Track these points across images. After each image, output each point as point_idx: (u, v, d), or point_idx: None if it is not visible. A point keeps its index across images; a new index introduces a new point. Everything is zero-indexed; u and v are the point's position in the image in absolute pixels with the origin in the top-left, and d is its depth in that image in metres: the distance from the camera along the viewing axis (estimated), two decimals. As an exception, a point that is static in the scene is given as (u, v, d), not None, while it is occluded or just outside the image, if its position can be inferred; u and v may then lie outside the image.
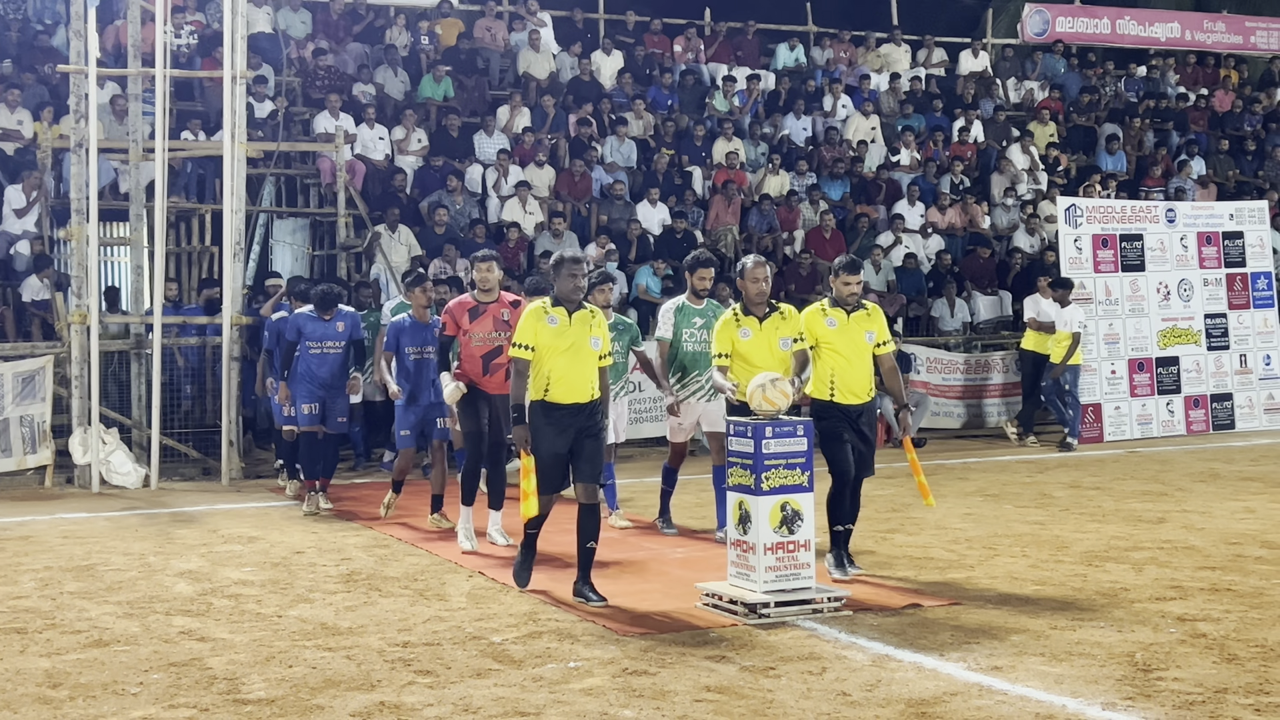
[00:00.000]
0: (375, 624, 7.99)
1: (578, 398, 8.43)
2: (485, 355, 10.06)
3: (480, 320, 10.14)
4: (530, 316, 8.53)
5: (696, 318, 10.73)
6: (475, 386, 10.04)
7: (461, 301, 10.24)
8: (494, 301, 10.22)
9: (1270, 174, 24.29)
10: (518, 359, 8.50)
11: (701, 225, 19.77)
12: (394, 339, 11.48)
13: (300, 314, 12.52)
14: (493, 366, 10.06)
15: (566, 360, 8.45)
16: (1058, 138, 23.66)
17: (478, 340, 10.08)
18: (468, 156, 19.53)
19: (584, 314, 8.60)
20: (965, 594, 8.63)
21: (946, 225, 21.00)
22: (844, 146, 22.04)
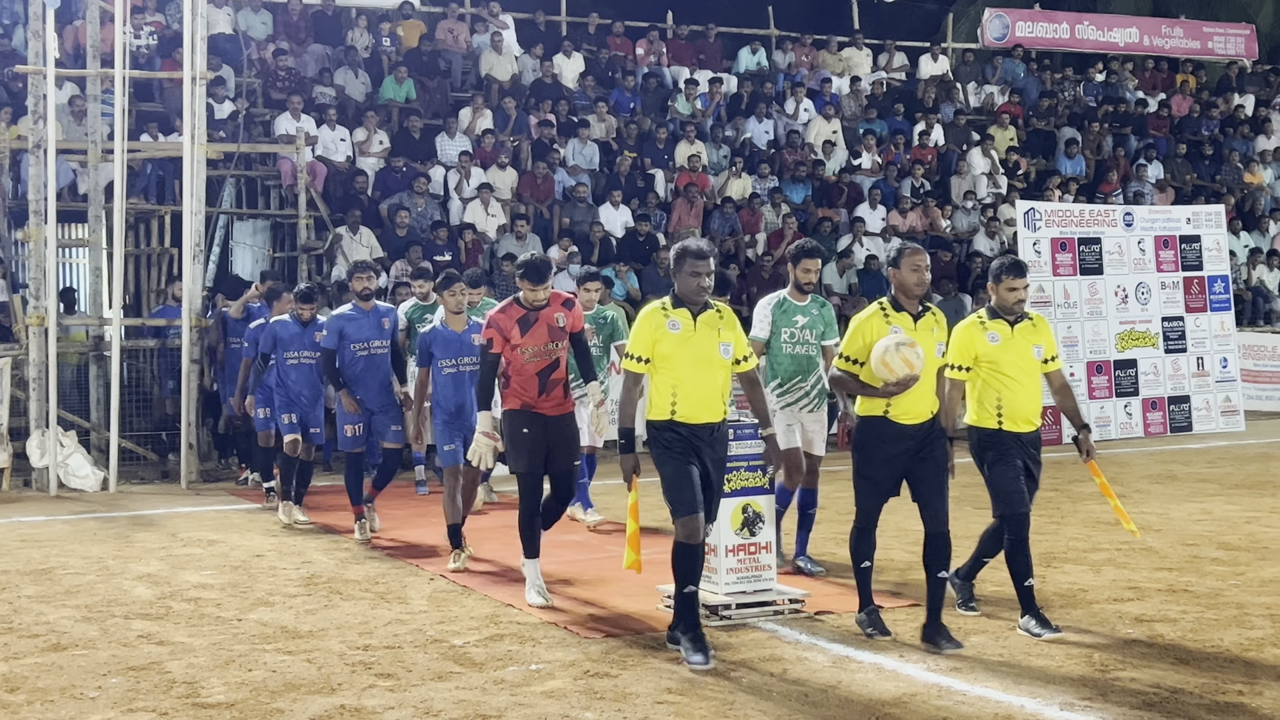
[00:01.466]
0: (336, 627, 7.96)
1: (709, 416, 7.20)
2: (542, 371, 8.42)
3: (533, 332, 8.44)
4: (647, 322, 7.23)
5: (799, 315, 9.32)
6: (530, 410, 8.43)
7: (507, 311, 8.47)
8: (545, 307, 8.50)
9: (1227, 178, 24.53)
10: (632, 373, 7.24)
11: (664, 228, 19.80)
12: (426, 352, 9.99)
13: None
14: (551, 383, 8.46)
15: (694, 372, 7.17)
16: (1017, 142, 23.80)
17: (531, 356, 8.41)
18: (430, 158, 19.48)
19: (710, 316, 7.28)
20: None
21: (907, 228, 21.09)
22: (806, 150, 22.11)
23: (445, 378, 9.94)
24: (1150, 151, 24.18)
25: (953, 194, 22.22)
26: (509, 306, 8.48)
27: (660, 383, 7.21)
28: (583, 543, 10.76)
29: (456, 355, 9.94)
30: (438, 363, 9.95)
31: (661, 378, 7.20)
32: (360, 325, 10.94)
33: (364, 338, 10.89)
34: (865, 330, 7.54)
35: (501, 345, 8.40)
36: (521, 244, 18.18)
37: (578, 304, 8.60)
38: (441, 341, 9.98)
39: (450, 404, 9.91)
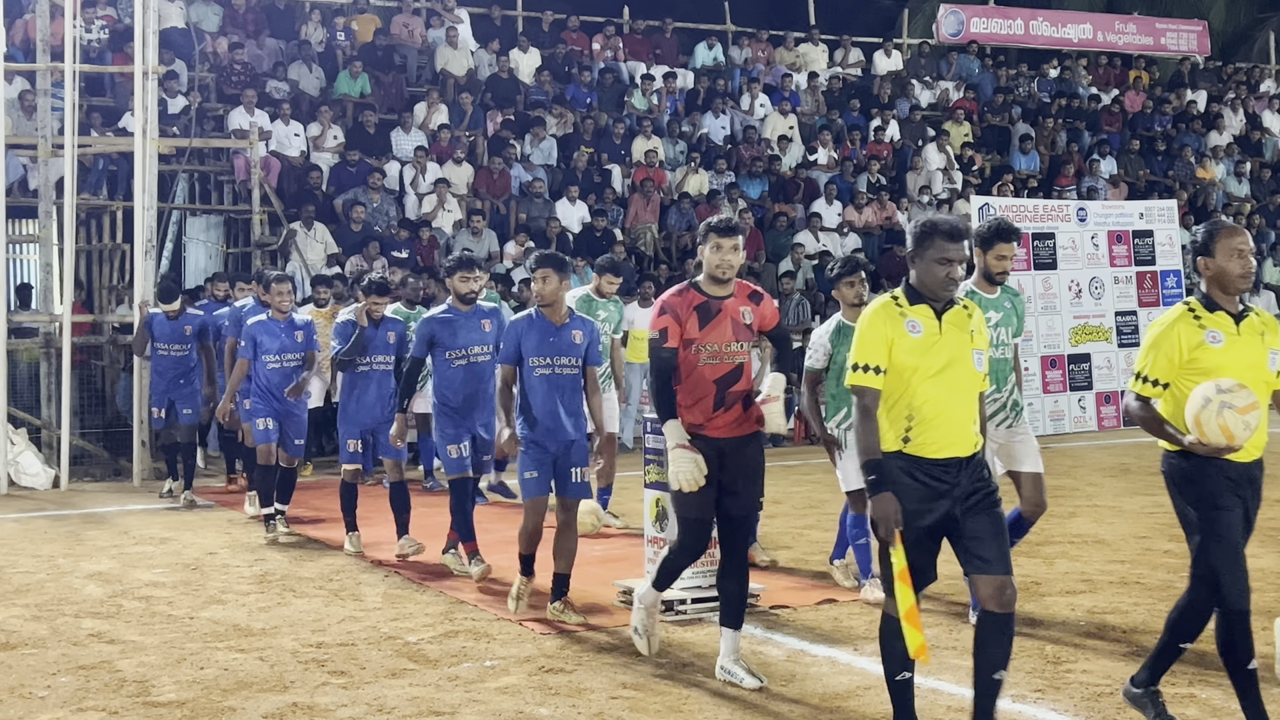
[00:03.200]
0: (289, 625, 7.92)
1: (957, 448, 5.43)
2: (721, 379, 6.57)
3: (716, 324, 6.58)
4: (876, 319, 5.49)
5: (991, 310, 7.83)
6: (699, 433, 6.56)
7: (684, 295, 6.62)
8: (729, 296, 6.65)
9: (1179, 174, 24.73)
10: (864, 388, 5.41)
11: (621, 223, 19.79)
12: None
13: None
14: (730, 397, 6.59)
15: (939, 388, 5.43)
16: (972, 137, 23.93)
17: (709, 357, 6.54)
18: (385, 154, 19.40)
19: (958, 314, 5.57)
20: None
21: (863, 224, 21.18)
22: (762, 145, 22.16)
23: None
24: (1104, 147, 24.36)
25: (908, 189, 22.32)
26: (685, 290, 6.64)
27: (888, 401, 5.46)
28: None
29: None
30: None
31: (891, 395, 5.45)
32: (459, 329, 9.16)
33: (464, 344, 9.14)
34: (1172, 342, 5.68)
35: (678, 339, 6.53)
36: (477, 239, 18.14)
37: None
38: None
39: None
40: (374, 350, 10.12)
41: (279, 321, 10.99)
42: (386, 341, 10.13)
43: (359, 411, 10.10)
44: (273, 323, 10.98)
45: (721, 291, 6.65)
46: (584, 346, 7.93)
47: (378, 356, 10.13)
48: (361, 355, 10.04)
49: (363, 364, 10.10)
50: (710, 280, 6.65)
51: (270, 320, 11.00)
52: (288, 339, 10.95)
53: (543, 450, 7.89)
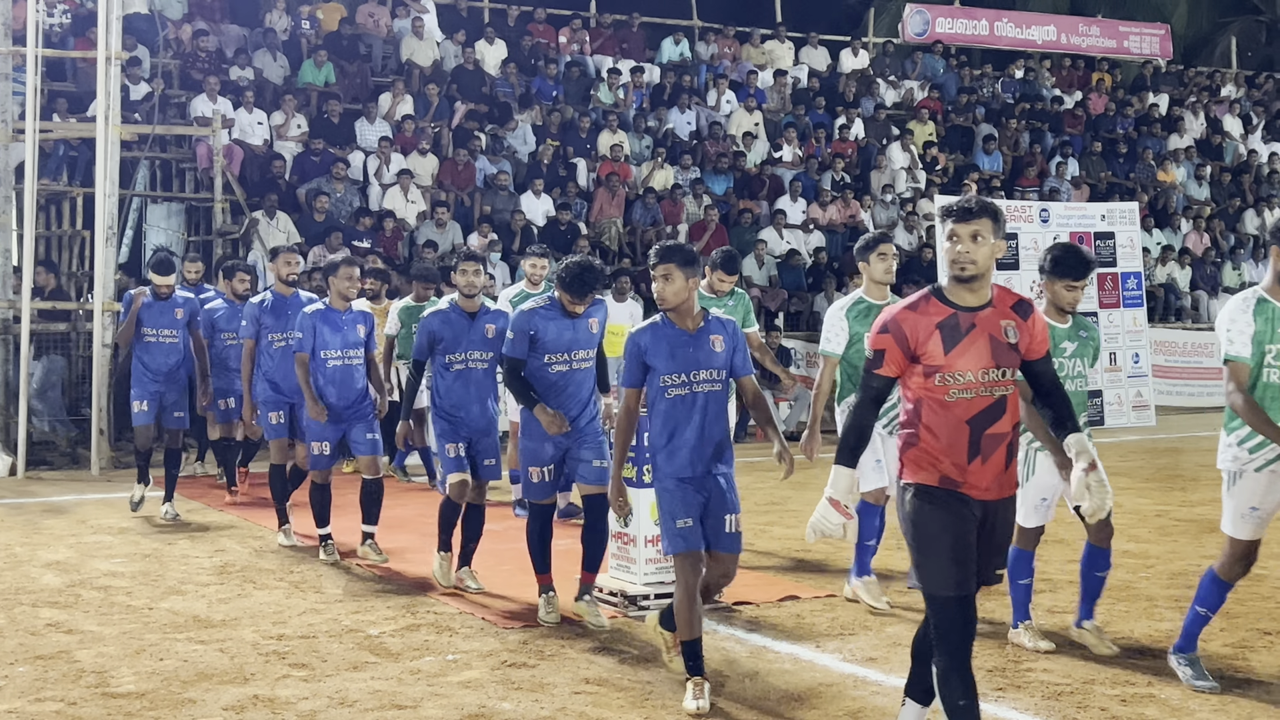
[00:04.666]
0: (249, 616, 7.88)
1: None
2: (977, 419, 4.97)
3: (969, 347, 5.00)
4: None
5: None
6: (952, 489, 4.99)
7: (922, 308, 5.04)
8: (987, 307, 5.06)
9: (1141, 176, 24.91)
10: None
11: (585, 217, 19.77)
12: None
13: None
14: (988, 443, 4.99)
15: None
16: (936, 137, 24.03)
17: (960, 389, 4.96)
18: (349, 143, 19.31)
19: None
20: (842, 586, 8.72)
21: (827, 221, 21.23)
22: (728, 141, 22.18)
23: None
24: (1067, 148, 24.51)
25: (872, 187, 22.39)
26: (924, 301, 5.06)
27: None
28: (501, 531, 10.72)
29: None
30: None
31: None
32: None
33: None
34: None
35: (902, 365, 5.03)
36: (441, 231, 18.09)
37: (1038, 313, 5.19)
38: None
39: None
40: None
41: (339, 311, 9.43)
42: (484, 335, 8.56)
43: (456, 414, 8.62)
44: (333, 312, 9.40)
45: (974, 300, 5.04)
46: (728, 354, 6.39)
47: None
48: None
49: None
50: (955, 285, 5.05)
51: (330, 310, 9.40)
52: (351, 333, 9.45)
53: (693, 492, 6.31)
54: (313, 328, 9.29)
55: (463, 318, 8.44)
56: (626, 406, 6.43)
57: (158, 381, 11.24)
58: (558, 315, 7.63)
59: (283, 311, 10.31)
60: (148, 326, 11.28)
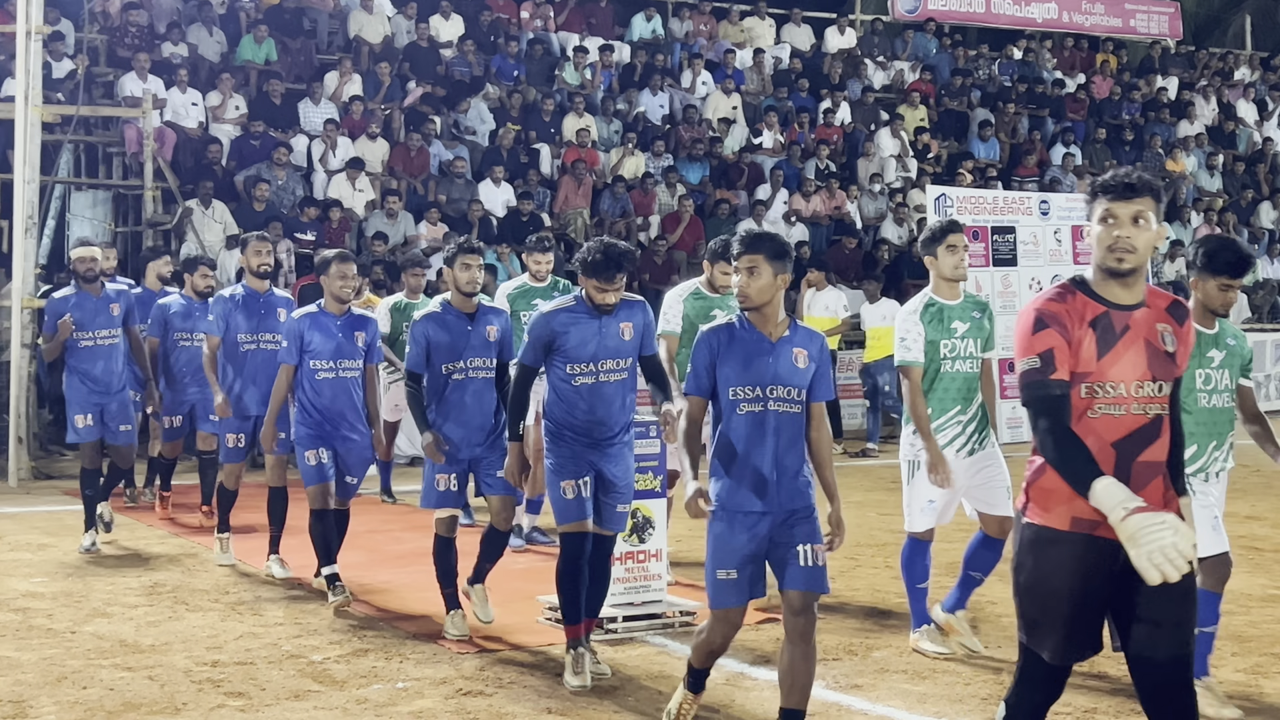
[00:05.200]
0: (181, 641, 7.85)
1: None
2: (1126, 441, 4.49)
3: (1126, 347, 4.52)
4: None
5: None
6: (1087, 531, 4.42)
7: (1070, 300, 4.54)
8: (1140, 306, 4.55)
9: (1148, 166, 25.04)
10: None
11: (549, 208, 19.77)
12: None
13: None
14: (1140, 471, 4.48)
15: None
16: (928, 122, 24.13)
17: (1109, 404, 4.48)
18: (291, 127, 19.26)
19: None
20: (825, 608, 8.73)
21: (811, 213, 21.29)
22: (703, 126, 22.22)
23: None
24: (1068, 135, 24.64)
25: (859, 177, 22.47)
26: (1065, 294, 4.56)
27: None
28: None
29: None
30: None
31: None
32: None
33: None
34: None
35: (1068, 365, 4.47)
36: (392, 223, 18.05)
37: (1191, 319, 4.72)
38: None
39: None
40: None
41: (333, 316, 8.90)
42: (485, 339, 8.05)
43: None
44: (326, 317, 8.89)
45: (1128, 297, 4.53)
46: (811, 371, 5.84)
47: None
48: None
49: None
50: (1107, 278, 4.52)
51: (323, 314, 8.89)
52: (347, 342, 8.90)
53: (754, 521, 5.76)
54: (299, 334, 8.77)
55: (460, 320, 7.92)
56: (691, 417, 5.94)
57: (98, 392, 10.54)
58: (585, 317, 7.05)
59: (255, 310, 9.92)
60: (81, 330, 10.51)
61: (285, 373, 8.83)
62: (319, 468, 8.75)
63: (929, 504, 7.49)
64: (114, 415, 10.62)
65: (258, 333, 9.90)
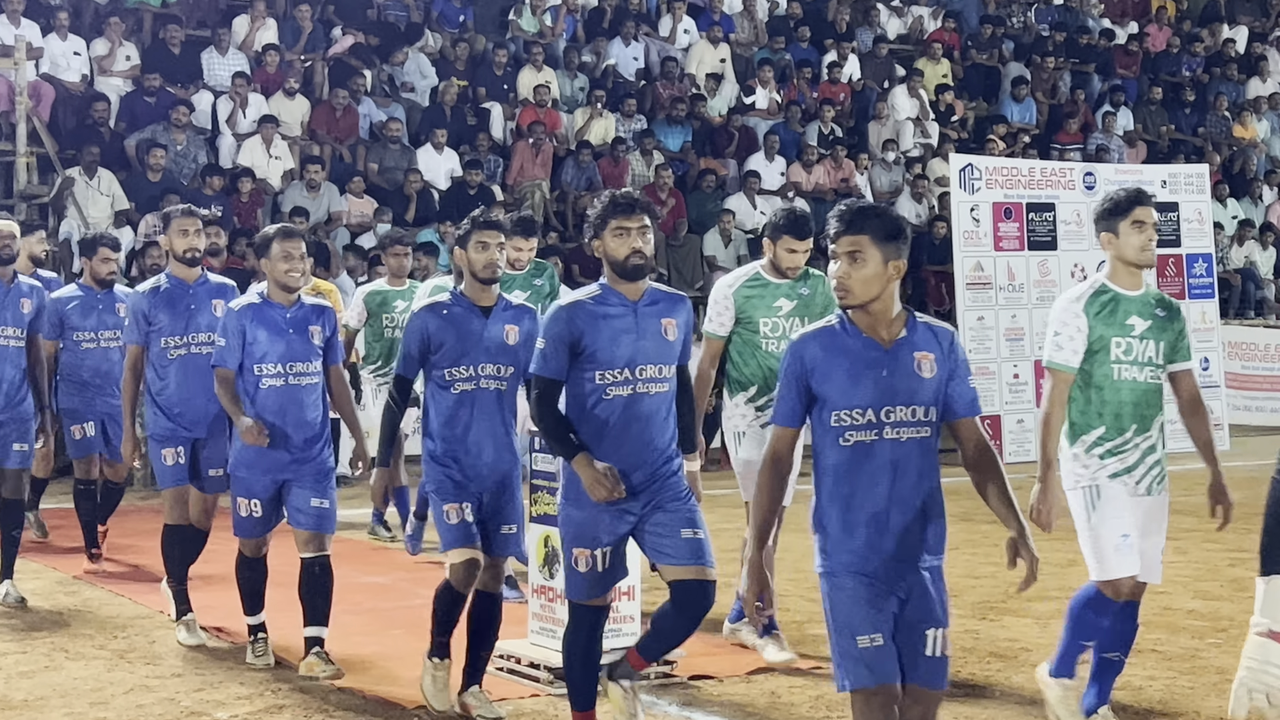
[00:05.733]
0: (60, 695, 7.81)
1: None
2: None
3: None
4: None
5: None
6: None
7: None
8: None
9: (1212, 131, 25.11)
10: None
11: (501, 179, 19.75)
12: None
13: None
14: None
15: None
16: (952, 79, 24.15)
17: None
18: (194, 81, 19.21)
19: None
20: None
21: (813, 186, 21.31)
22: (685, 83, 22.21)
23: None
24: (1118, 95, 24.70)
25: (870, 144, 22.50)
26: None
27: None
28: (390, 586, 10.69)
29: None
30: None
31: None
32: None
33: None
34: None
35: None
36: (314, 196, 18.02)
37: None
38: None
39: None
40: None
41: (281, 307, 8.34)
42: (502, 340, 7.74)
43: None
44: (271, 308, 8.34)
45: None
46: (937, 384, 5.40)
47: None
48: None
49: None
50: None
51: (267, 304, 8.36)
52: (299, 339, 8.36)
53: (881, 594, 5.35)
54: (240, 331, 8.20)
55: (473, 314, 7.44)
56: (775, 454, 5.43)
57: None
58: (616, 308, 6.60)
59: (182, 304, 9.15)
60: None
61: (223, 379, 8.24)
62: (258, 520, 8.30)
63: (1123, 540, 6.91)
64: (12, 436, 10.12)
65: (187, 333, 9.10)
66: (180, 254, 9.19)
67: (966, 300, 17.97)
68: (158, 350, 9.08)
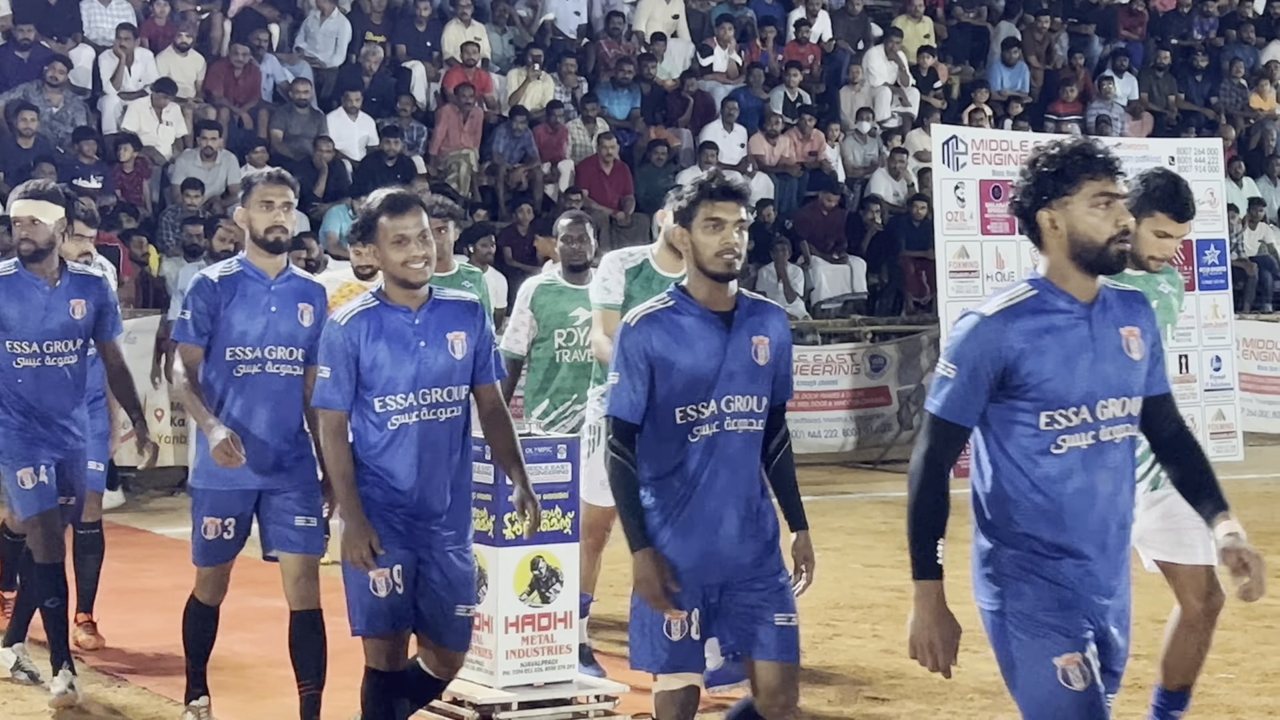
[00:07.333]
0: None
1: None
2: None
3: None
4: None
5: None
6: None
7: None
8: None
9: (1227, 101, 25.19)
10: None
11: (424, 148, 19.71)
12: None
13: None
14: None
15: None
16: (935, 40, 24.19)
17: None
18: (71, 34, 19.12)
19: None
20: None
21: (778, 160, 21.33)
22: (633, 42, 22.22)
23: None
24: (1121, 60, 24.76)
25: (843, 112, 22.53)
26: None
27: None
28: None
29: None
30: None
31: None
32: None
33: None
34: None
35: None
36: (210, 166, 17.95)
37: None
38: None
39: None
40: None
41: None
42: None
43: None
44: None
45: None
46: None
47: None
48: None
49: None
50: None
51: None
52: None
53: None
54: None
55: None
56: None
57: None
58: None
59: (259, 303, 7.65)
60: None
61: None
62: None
63: None
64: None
65: (262, 344, 7.64)
66: (261, 234, 7.58)
67: (950, 290, 17.93)
68: (219, 361, 7.58)
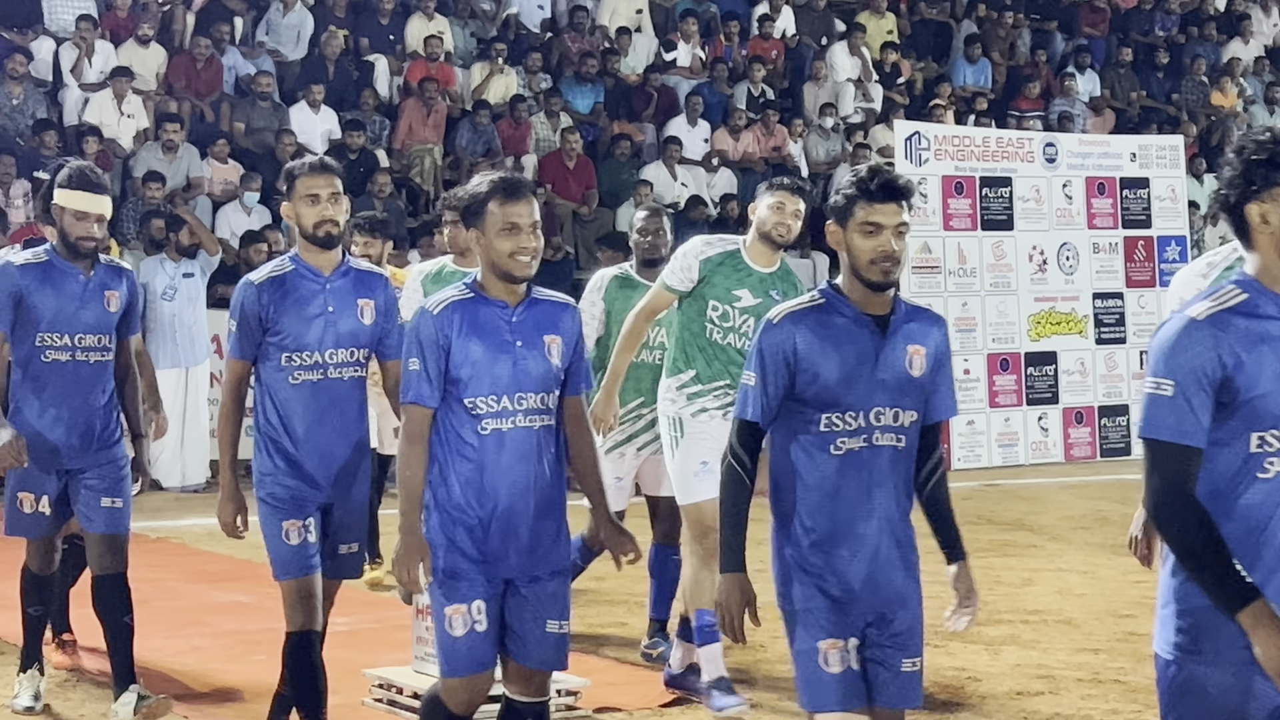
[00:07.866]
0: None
1: None
2: None
3: None
4: None
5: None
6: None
7: None
8: None
9: (1188, 98, 25.26)
10: None
11: (387, 143, 19.68)
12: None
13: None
14: None
15: None
16: (899, 36, 24.21)
17: None
18: (32, 25, 19.04)
19: None
20: (754, 683, 8.77)
21: (741, 155, 21.34)
22: (597, 36, 22.19)
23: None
24: (1083, 56, 24.80)
25: (806, 108, 22.54)
26: None
27: None
28: (252, 605, 10.66)
29: None
30: None
31: None
32: None
33: None
34: None
35: None
36: (171, 159, 17.89)
37: None
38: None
39: None
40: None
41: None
42: None
43: None
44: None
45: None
46: None
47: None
48: None
49: None
50: None
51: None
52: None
53: None
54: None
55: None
56: None
57: None
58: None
59: (314, 303, 7.11)
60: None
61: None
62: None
63: None
64: None
65: (321, 349, 7.09)
66: (310, 230, 7.06)
67: (912, 285, 17.94)
68: (274, 370, 7.03)
